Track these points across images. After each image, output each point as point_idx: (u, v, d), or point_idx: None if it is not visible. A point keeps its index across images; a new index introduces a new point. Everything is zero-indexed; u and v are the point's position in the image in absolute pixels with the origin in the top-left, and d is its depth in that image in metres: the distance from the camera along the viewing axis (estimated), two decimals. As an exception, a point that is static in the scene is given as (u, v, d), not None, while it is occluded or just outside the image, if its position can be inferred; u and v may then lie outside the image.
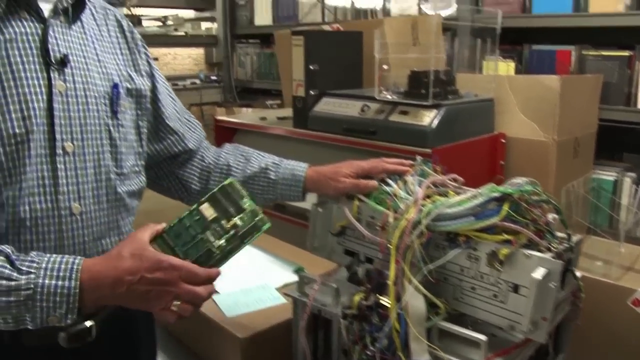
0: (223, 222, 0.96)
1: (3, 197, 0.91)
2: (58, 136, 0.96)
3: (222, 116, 2.51)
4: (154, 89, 1.21)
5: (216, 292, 1.01)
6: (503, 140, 1.81)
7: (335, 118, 1.73)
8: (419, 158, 1.15)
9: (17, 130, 0.91)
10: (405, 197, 1.03)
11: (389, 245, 0.96)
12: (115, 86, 1.07)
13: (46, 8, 0.98)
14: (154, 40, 4.56)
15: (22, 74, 0.92)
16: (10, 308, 0.83)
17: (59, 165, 0.96)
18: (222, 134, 2.16)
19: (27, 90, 0.92)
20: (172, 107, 1.26)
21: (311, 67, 1.80)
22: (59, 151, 0.96)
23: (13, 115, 0.91)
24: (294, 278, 1.45)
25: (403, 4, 3.03)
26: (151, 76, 1.20)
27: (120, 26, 1.16)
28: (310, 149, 1.84)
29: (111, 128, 1.05)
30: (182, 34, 4.51)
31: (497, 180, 1.12)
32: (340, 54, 1.95)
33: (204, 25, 5.06)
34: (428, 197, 1.02)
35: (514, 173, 1.83)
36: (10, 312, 0.83)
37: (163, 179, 1.30)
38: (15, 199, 0.92)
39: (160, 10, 4.96)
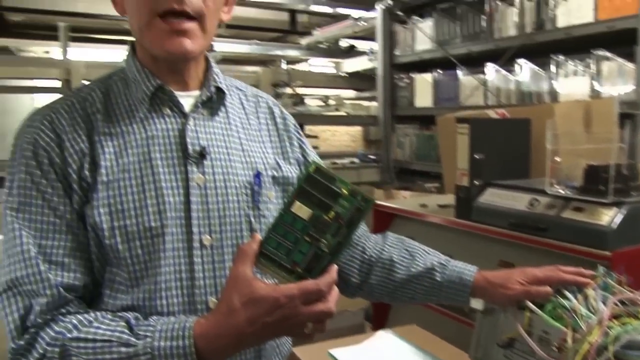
0: (322, 216, 0.85)
1: (141, 291, 0.94)
2: (195, 229, 0.97)
3: (381, 198, 2.51)
4: None
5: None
6: (698, 244, 1.59)
7: (501, 211, 1.64)
8: (601, 268, 1.04)
9: (152, 224, 0.94)
10: (587, 315, 0.93)
11: (568, 370, 0.86)
12: (257, 175, 1.06)
13: (188, 103, 1.03)
14: (316, 119, 4.79)
15: (160, 169, 0.97)
16: None
17: (195, 259, 0.97)
18: (381, 218, 2.14)
19: (163, 184, 0.96)
20: None
21: (476, 157, 1.74)
22: (196, 244, 0.97)
23: (150, 209, 0.94)
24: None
25: (572, 84, 2.89)
26: (304, 163, 1.19)
27: (272, 113, 1.19)
28: (472, 241, 1.75)
29: (252, 219, 1.04)
30: (343, 113, 4.69)
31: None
32: (507, 142, 1.87)
33: (364, 103, 5.24)
34: (615, 317, 0.91)
35: None
36: None
37: None
38: (151, 293, 0.94)
39: (322, 90, 5.23)
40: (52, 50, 5.75)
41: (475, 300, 1.16)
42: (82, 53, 5.29)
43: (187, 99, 1.04)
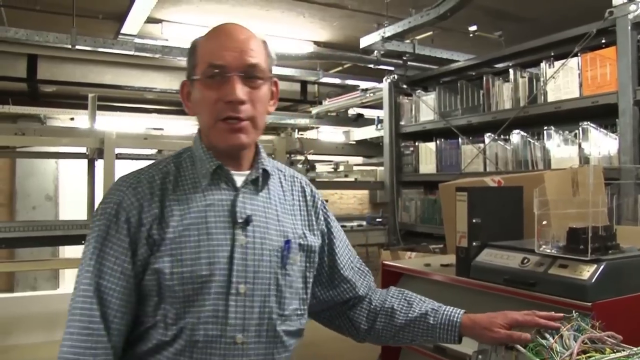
0: None
1: (185, 322, 1.18)
2: (234, 279, 1.22)
3: (388, 259, 2.70)
4: (330, 244, 1.46)
5: None
6: (673, 297, 1.77)
7: (497, 269, 1.83)
8: (575, 312, 1.24)
9: (204, 273, 1.19)
10: (561, 351, 1.13)
11: (545, 396, 1.05)
12: (287, 242, 1.31)
13: (239, 180, 1.30)
14: (327, 185, 5.01)
15: (213, 230, 1.23)
16: None
17: (231, 302, 1.21)
18: (389, 277, 2.33)
19: (215, 242, 1.22)
20: (348, 258, 1.49)
21: (474, 221, 1.95)
22: (233, 291, 1.21)
23: (203, 261, 1.20)
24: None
25: (562, 152, 3.12)
26: (327, 234, 1.46)
27: (304, 192, 1.45)
28: (471, 296, 1.94)
29: (279, 276, 1.28)
30: (352, 179, 4.92)
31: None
32: (502, 208, 2.08)
33: (371, 169, 5.48)
34: (584, 352, 1.10)
35: (686, 331, 1.77)
36: None
37: (336, 319, 1.50)
38: (194, 325, 1.18)
39: (333, 157, 5.48)
40: (77, 117, 6.08)
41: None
42: (106, 120, 5.61)
43: (239, 177, 1.31)
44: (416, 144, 4.31)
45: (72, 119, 6.14)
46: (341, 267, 1.46)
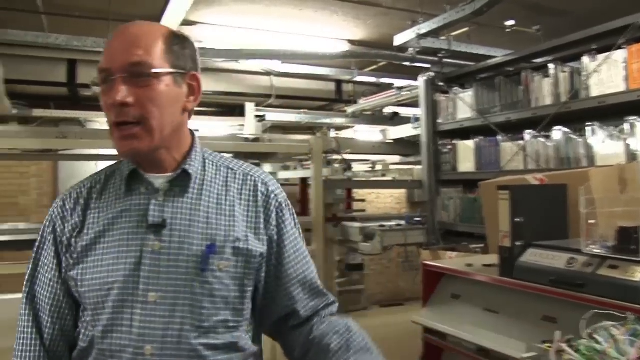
0: None
1: (95, 330, 1.18)
2: (142, 287, 1.17)
3: (428, 259, 2.65)
4: (279, 253, 1.30)
5: None
6: None
7: (542, 269, 1.78)
8: (630, 316, 1.19)
9: (108, 280, 1.18)
10: (617, 356, 1.08)
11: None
12: (209, 247, 1.20)
13: (160, 182, 1.25)
14: (363, 185, 4.98)
15: (122, 236, 1.21)
16: None
17: (136, 311, 1.16)
18: (430, 277, 2.29)
19: (121, 248, 1.20)
20: (298, 272, 1.33)
21: (517, 220, 1.90)
22: (141, 299, 1.17)
23: (110, 268, 1.19)
24: None
25: (608, 148, 3.03)
26: (277, 241, 1.30)
27: (255, 192, 1.31)
28: (516, 298, 1.89)
29: (195, 284, 1.18)
30: (390, 178, 4.87)
31: None
32: (546, 206, 2.03)
33: (408, 166, 5.42)
34: (641, 357, 1.06)
35: None
36: None
37: (276, 335, 1.38)
38: (102, 333, 1.18)
39: (369, 156, 5.44)
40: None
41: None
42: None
43: (161, 180, 1.25)
44: (454, 142, 4.25)
45: (110, 122, 6.23)
46: (286, 281, 1.31)
